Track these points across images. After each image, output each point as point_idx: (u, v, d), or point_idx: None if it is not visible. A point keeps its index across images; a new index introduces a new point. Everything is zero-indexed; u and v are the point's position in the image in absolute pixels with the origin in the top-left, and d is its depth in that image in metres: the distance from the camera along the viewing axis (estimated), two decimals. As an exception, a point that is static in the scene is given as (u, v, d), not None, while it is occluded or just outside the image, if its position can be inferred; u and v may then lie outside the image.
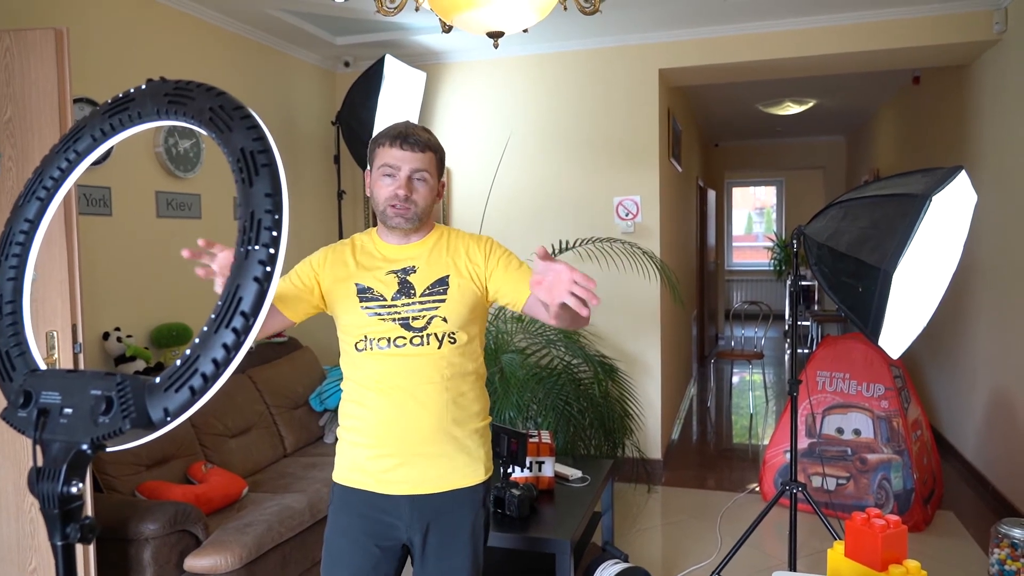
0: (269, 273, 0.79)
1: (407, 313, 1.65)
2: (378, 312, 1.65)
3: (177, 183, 3.59)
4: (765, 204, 12.64)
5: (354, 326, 1.66)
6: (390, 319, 1.64)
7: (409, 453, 1.65)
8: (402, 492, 1.65)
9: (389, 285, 1.67)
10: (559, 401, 3.76)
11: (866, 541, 1.49)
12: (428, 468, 1.66)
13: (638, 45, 4.39)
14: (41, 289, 2.27)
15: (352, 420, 1.70)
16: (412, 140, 1.65)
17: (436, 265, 1.70)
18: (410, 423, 1.64)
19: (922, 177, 2.17)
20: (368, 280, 1.68)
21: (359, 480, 1.68)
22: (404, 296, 1.66)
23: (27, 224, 0.96)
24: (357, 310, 1.66)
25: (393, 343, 1.64)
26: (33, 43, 2.26)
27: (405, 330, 1.64)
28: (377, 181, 1.68)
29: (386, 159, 1.65)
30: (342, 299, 1.68)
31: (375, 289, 1.67)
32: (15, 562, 2.35)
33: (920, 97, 5.71)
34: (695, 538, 3.65)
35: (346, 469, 1.71)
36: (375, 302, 1.66)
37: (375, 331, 1.65)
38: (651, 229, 4.43)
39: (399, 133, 1.66)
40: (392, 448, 1.65)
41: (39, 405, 0.82)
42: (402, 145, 1.64)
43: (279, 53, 4.38)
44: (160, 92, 0.91)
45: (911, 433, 3.72)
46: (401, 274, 1.68)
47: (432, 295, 1.67)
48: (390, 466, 1.65)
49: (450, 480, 1.67)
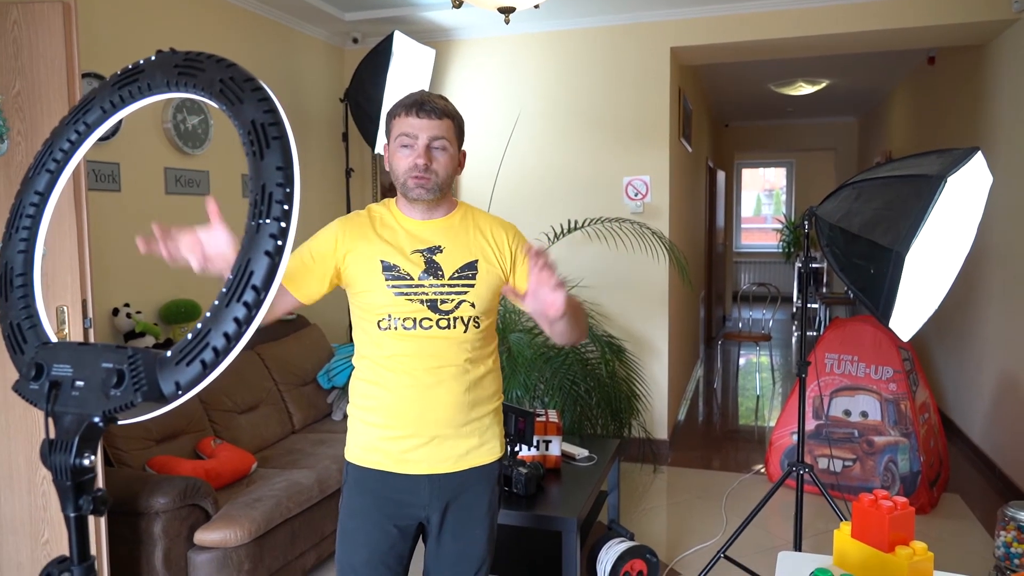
0: (281, 247, 0.78)
1: (435, 295, 1.62)
2: (404, 292, 1.61)
3: (186, 159, 3.59)
4: (775, 186, 12.55)
5: (377, 304, 1.61)
6: (417, 300, 1.61)
7: (429, 434, 1.63)
8: (421, 472, 1.64)
9: (415, 264, 1.63)
10: (566, 381, 3.76)
11: (873, 522, 1.49)
12: (447, 448, 1.65)
13: (649, 23, 4.33)
14: (51, 264, 2.27)
15: (368, 399, 1.66)
16: (429, 107, 1.59)
17: (463, 247, 1.67)
18: (431, 404, 1.62)
19: (937, 158, 2.14)
20: (393, 257, 1.62)
21: (376, 460, 1.65)
22: (432, 277, 1.63)
23: (37, 197, 0.96)
24: (383, 288, 1.60)
25: (419, 324, 1.61)
26: (41, 16, 2.25)
27: (432, 311, 1.62)
28: (395, 153, 1.61)
29: (403, 128, 1.59)
30: (365, 275, 1.62)
31: (401, 267, 1.62)
32: (28, 534, 2.38)
33: (935, 78, 5.63)
34: (700, 518, 3.67)
35: (361, 449, 1.67)
36: (401, 281, 1.61)
37: (400, 310, 1.61)
38: (660, 209, 4.40)
39: (415, 101, 1.60)
40: (412, 429, 1.63)
41: (51, 377, 0.82)
42: (419, 113, 1.59)
43: (287, 29, 4.35)
44: (170, 63, 0.90)
45: (919, 416, 3.71)
46: (427, 253, 1.64)
47: (461, 279, 1.65)
48: (409, 447, 1.63)
49: (468, 459, 1.68)
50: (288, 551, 2.78)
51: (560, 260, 4.50)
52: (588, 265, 4.51)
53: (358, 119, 4.41)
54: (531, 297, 1.47)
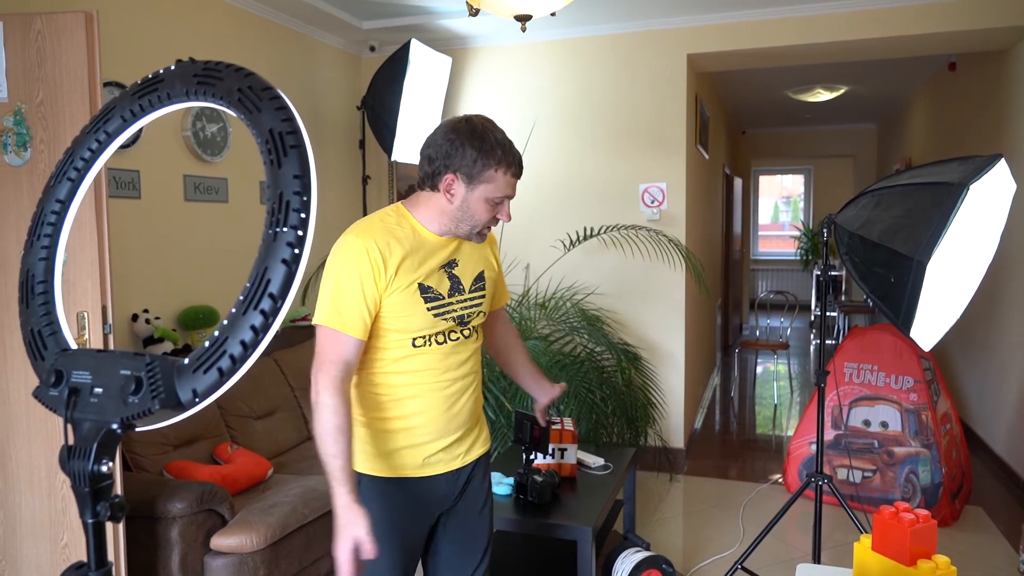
0: (297, 255, 0.78)
1: (462, 311, 1.68)
2: (440, 312, 1.64)
3: (204, 167, 3.62)
4: (792, 193, 12.46)
5: (416, 326, 1.61)
6: (450, 318, 1.65)
7: (450, 437, 1.70)
8: (439, 471, 1.70)
9: (442, 282, 1.64)
10: (582, 389, 3.75)
11: (894, 535, 1.47)
12: (460, 445, 1.73)
13: (666, 30, 4.32)
14: (72, 271, 2.30)
15: (390, 410, 1.65)
16: (522, 168, 1.63)
17: (472, 259, 1.72)
18: (456, 410, 1.70)
19: (959, 165, 2.11)
20: (427, 278, 1.62)
21: (398, 467, 1.67)
22: (457, 293, 1.67)
23: (58, 204, 0.97)
24: (423, 312, 1.60)
25: (449, 337, 1.66)
26: (64, 26, 2.28)
27: (459, 325, 1.68)
28: (483, 203, 1.59)
29: (504, 189, 1.59)
30: (406, 303, 1.59)
31: (435, 288, 1.63)
32: (48, 538, 2.40)
33: (956, 84, 5.58)
34: (717, 528, 3.63)
35: (382, 459, 1.67)
36: (436, 301, 1.63)
37: (436, 328, 1.64)
38: (677, 217, 4.38)
39: (519, 161, 1.61)
40: (437, 434, 1.68)
41: (70, 384, 0.82)
42: (518, 174, 1.62)
43: (305, 37, 4.38)
44: (189, 73, 0.91)
45: (940, 427, 3.66)
46: (447, 268, 1.66)
47: (476, 291, 1.72)
48: (433, 451, 1.68)
49: (473, 451, 1.78)
50: (303, 557, 2.79)
51: (576, 267, 4.49)
52: (604, 272, 4.49)
53: (375, 126, 4.43)
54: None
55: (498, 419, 3.47)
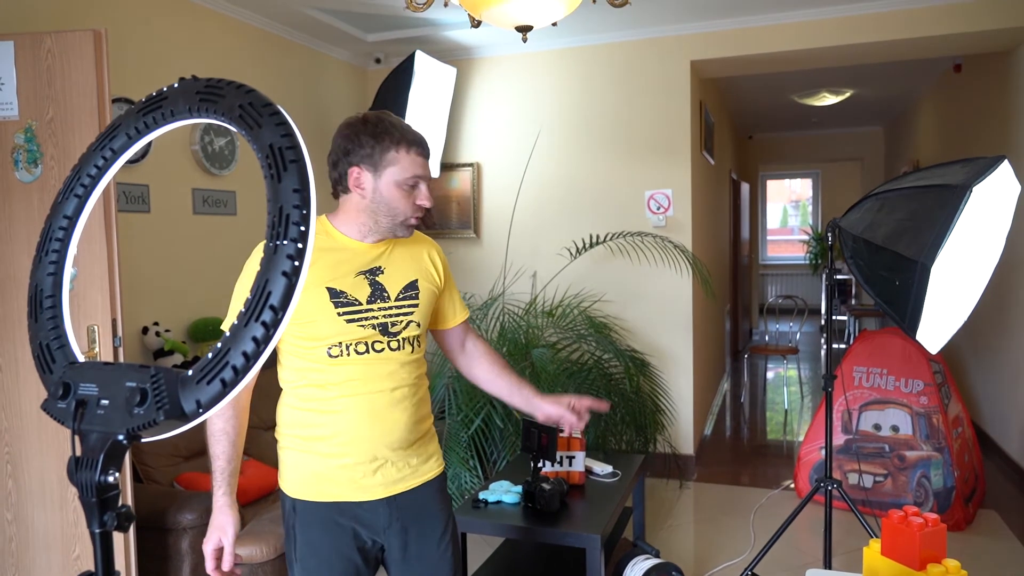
0: (297, 268, 0.80)
1: (385, 318, 1.59)
2: (355, 318, 1.56)
3: (213, 180, 3.66)
4: (800, 197, 12.43)
5: (327, 333, 1.54)
6: (368, 325, 1.57)
7: (384, 456, 1.60)
8: (378, 496, 1.60)
9: (361, 288, 1.57)
10: (590, 396, 3.74)
11: (904, 539, 1.46)
12: (399, 468, 1.63)
13: (669, 37, 4.34)
14: (82, 284, 2.33)
15: (315, 428, 1.58)
16: (427, 145, 1.59)
17: (402, 267, 1.64)
18: (387, 426, 1.59)
19: (962, 167, 2.11)
20: (339, 283, 1.55)
21: (329, 491, 1.58)
22: (379, 300, 1.59)
23: (65, 220, 0.98)
24: (333, 317, 1.54)
25: (372, 347, 1.58)
26: (73, 44, 2.32)
27: (382, 334, 1.59)
28: (395, 189, 1.55)
29: (415, 169, 1.55)
30: (313, 308, 1.53)
31: (348, 293, 1.56)
32: (59, 549, 2.43)
33: (962, 85, 5.56)
34: (728, 534, 3.62)
35: (309, 482, 1.59)
36: (351, 307, 1.56)
37: (352, 336, 1.56)
38: (683, 223, 4.38)
39: (420, 140, 1.57)
40: (368, 454, 1.58)
41: (77, 396, 0.84)
42: (423, 153, 1.57)
43: (311, 50, 4.43)
44: (192, 90, 0.93)
45: (952, 430, 3.63)
46: (369, 275, 1.59)
47: (406, 299, 1.63)
48: (365, 472, 1.58)
49: (418, 474, 1.66)
50: (313, 567, 2.80)
51: (583, 275, 4.50)
52: (611, 280, 4.50)
53: (381, 138, 4.45)
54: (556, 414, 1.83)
55: (506, 427, 3.48)
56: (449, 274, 1.78)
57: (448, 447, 3.39)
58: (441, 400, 3.56)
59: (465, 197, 4.79)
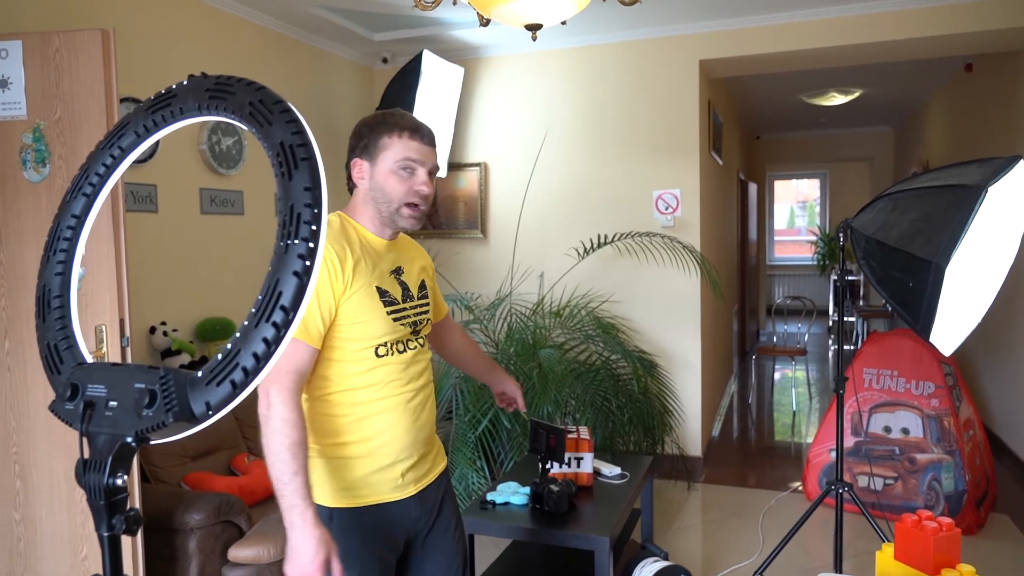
0: (309, 267, 0.78)
1: (415, 316, 1.63)
2: (397, 316, 1.57)
3: (220, 180, 3.66)
4: (808, 197, 12.37)
5: (376, 332, 1.53)
6: (406, 323, 1.60)
7: (416, 454, 1.62)
8: (410, 493, 1.62)
9: (395, 287, 1.60)
10: (597, 397, 3.73)
11: (917, 544, 1.44)
12: (423, 463, 1.66)
13: (678, 36, 4.32)
14: (90, 284, 2.32)
15: (353, 434, 1.54)
16: (427, 132, 1.58)
17: (413, 266, 1.68)
18: (420, 424, 1.62)
19: (977, 168, 2.08)
20: (382, 281, 1.57)
21: (367, 495, 1.56)
22: (409, 299, 1.62)
23: (74, 220, 0.97)
24: (383, 316, 1.54)
25: (408, 346, 1.60)
26: (81, 44, 2.31)
27: (412, 333, 1.62)
28: (390, 174, 1.55)
29: (406, 152, 1.54)
30: (365, 307, 1.51)
31: (390, 292, 1.58)
32: (68, 550, 2.42)
33: (973, 85, 5.52)
34: (736, 537, 3.59)
35: (349, 489, 1.55)
36: (393, 306, 1.57)
37: (396, 335, 1.57)
38: (691, 223, 4.36)
39: (415, 125, 1.57)
40: (405, 452, 1.59)
41: (85, 398, 0.83)
42: (422, 138, 1.56)
43: (318, 50, 4.42)
44: (201, 88, 0.91)
45: (963, 433, 3.60)
46: (396, 274, 1.62)
47: (422, 297, 1.68)
48: (400, 472, 1.59)
49: (435, 468, 1.72)
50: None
51: (590, 275, 4.48)
52: (618, 280, 4.48)
53: (388, 138, 4.45)
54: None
55: (514, 428, 3.46)
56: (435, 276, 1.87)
57: (455, 448, 3.37)
58: (448, 401, 3.55)
59: (472, 197, 4.78)
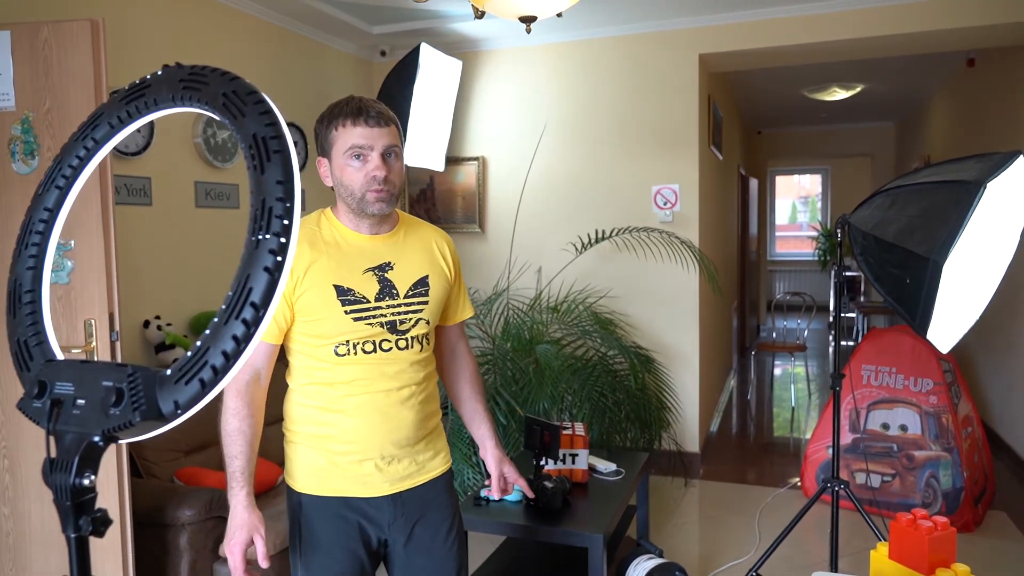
0: (280, 263, 0.76)
1: (393, 316, 1.57)
2: (362, 316, 1.53)
3: (216, 173, 3.63)
4: (810, 193, 12.34)
5: (334, 331, 1.53)
6: (376, 323, 1.55)
7: (391, 454, 1.59)
8: (383, 492, 1.60)
9: (369, 285, 1.55)
10: (594, 392, 3.71)
11: (912, 543, 1.43)
12: (408, 464, 1.62)
13: (677, 30, 4.28)
14: (79, 278, 2.30)
15: (323, 426, 1.58)
16: (374, 114, 1.50)
17: (412, 262, 1.62)
18: (393, 425, 1.58)
19: (976, 163, 2.06)
20: (346, 280, 1.53)
21: (335, 486, 1.58)
22: (388, 298, 1.56)
23: (47, 213, 0.95)
24: (340, 315, 1.52)
25: (379, 346, 1.56)
26: (70, 34, 2.29)
27: (391, 333, 1.57)
28: (345, 166, 1.51)
29: (352, 139, 1.49)
30: (319, 305, 1.51)
31: (356, 291, 1.53)
32: (57, 546, 2.41)
33: (975, 80, 5.48)
34: (733, 534, 3.58)
35: (316, 476, 1.59)
36: (358, 304, 1.53)
37: (359, 335, 1.54)
38: (690, 218, 4.34)
39: (358, 108, 1.50)
40: (375, 451, 1.57)
41: (53, 395, 0.81)
42: (367, 121, 1.49)
43: (316, 43, 4.39)
44: (175, 78, 0.89)
45: (961, 430, 3.58)
46: (378, 272, 1.56)
47: (415, 296, 1.60)
48: (371, 469, 1.58)
49: (425, 471, 1.66)
50: (313, 564, 2.77)
51: (588, 270, 4.46)
52: (616, 275, 4.46)
53: (385, 131, 4.42)
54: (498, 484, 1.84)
55: (509, 424, 3.45)
56: (459, 267, 1.75)
57: (451, 443, 3.35)
58: (445, 396, 3.53)
59: (470, 191, 4.75)
